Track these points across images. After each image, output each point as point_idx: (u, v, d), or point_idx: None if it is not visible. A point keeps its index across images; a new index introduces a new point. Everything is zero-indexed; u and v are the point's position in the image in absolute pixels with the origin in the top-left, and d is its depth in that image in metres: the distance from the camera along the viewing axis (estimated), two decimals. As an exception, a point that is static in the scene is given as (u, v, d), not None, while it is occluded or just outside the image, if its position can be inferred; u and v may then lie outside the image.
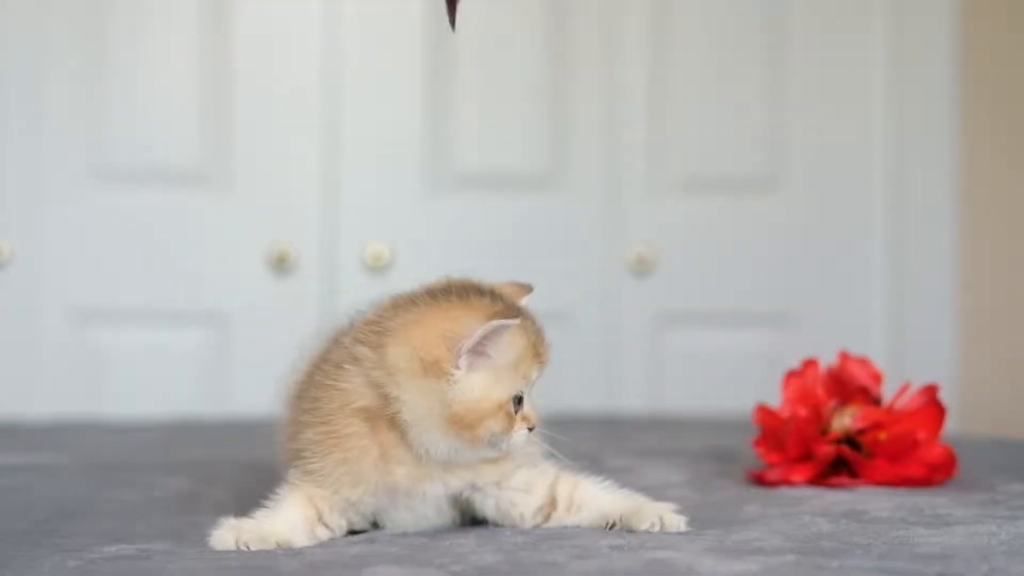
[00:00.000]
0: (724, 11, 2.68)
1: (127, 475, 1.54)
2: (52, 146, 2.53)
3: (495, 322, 1.06)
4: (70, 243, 2.54)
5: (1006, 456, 1.66)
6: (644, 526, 1.12)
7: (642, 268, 2.65)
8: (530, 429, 1.10)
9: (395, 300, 1.13)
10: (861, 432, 1.42)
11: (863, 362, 1.46)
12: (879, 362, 1.50)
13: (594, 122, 2.65)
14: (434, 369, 1.07)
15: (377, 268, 2.58)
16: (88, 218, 2.54)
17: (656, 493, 1.37)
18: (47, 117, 2.53)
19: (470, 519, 1.17)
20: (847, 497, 1.31)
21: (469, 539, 1.09)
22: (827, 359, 1.49)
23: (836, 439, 1.42)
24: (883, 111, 2.67)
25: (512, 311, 1.10)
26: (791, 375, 1.47)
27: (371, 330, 1.11)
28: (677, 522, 1.13)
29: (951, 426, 1.47)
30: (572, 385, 2.60)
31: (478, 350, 1.07)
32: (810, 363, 1.48)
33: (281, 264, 2.58)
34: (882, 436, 1.41)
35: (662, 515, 1.13)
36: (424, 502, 1.13)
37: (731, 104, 2.67)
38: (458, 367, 1.07)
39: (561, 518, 1.15)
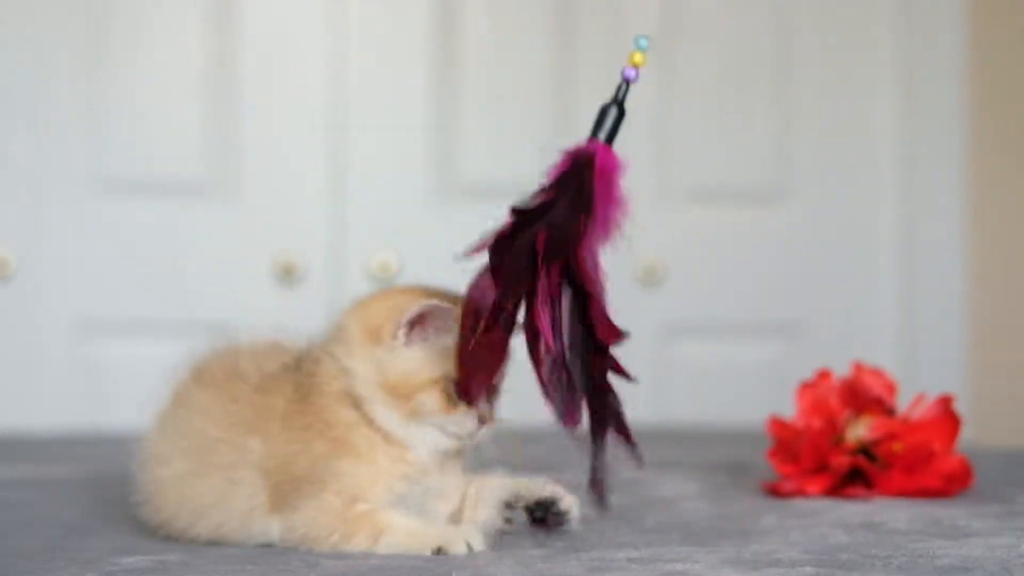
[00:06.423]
0: (732, 21, 2.67)
1: (134, 488, 1.52)
2: (55, 157, 2.52)
3: (433, 301, 1.11)
4: (74, 254, 2.53)
5: (1021, 467, 1.66)
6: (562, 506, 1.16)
7: (651, 279, 2.64)
8: (483, 423, 1.11)
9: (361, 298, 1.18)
10: (876, 443, 1.42)
11: (877, 373, 1.46)
12: (890, 372, 1.50)
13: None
14: (375, 336, 1.11)
15: (384, 278, 2.57)
16: (92, 229, 2.53)
17: (670, 505, 1.37)
18: (49, 127, 2.52)
19: None
20: (863, 508, 1.31)
21: (487, 552, 1.08)
22: (838, 369, 1.48)
23: (851, 450, 1.42)
24: (892, 120, 2.66)
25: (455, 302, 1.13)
26: (805, 386, 1.47)
27: (338, 325, 1.15)
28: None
29: (964, 436, 1.47)
30: (580, 396, 2.58)
31: (417, 324, 1.10)
32: (824, 374, 1.48)
33: (288, 275, 2.57)
34: (897, 447, 1.41)
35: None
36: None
37: (739, 114, 2.66)
38: (396, 337, 1.10)
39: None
